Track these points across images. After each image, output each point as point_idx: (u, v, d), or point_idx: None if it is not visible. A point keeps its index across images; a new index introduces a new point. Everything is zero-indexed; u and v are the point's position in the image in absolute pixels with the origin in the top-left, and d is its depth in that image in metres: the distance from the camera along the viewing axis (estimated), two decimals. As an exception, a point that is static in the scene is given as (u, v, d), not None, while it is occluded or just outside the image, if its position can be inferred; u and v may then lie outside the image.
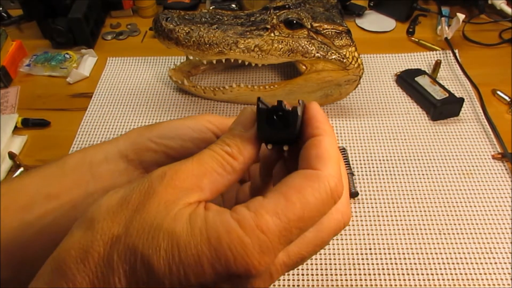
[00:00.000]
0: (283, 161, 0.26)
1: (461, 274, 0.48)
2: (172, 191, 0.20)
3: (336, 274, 0.48)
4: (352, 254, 0.49)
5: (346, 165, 0.57)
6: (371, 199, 0.55)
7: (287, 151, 0.25)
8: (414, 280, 0.47)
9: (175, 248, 0.18)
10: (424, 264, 0.48)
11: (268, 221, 0.19)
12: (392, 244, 0.50)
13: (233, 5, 0.85)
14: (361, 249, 0.50)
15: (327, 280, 0.47)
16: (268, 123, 0.22)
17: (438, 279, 0.47)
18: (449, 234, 0.51)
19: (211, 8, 0.85)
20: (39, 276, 0.20)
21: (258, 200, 0.20)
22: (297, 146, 0.24)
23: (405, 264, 0.49)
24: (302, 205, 0.19)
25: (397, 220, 0.52)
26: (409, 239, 0.51)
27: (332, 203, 0.21)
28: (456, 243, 0.50)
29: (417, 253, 0.49)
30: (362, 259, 0.49)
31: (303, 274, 0.48)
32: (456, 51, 0.74)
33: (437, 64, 0.69)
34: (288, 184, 0.20)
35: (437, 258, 0.49)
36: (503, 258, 0.49)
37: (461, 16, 0.73)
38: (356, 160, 0.59)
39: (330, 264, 0.49)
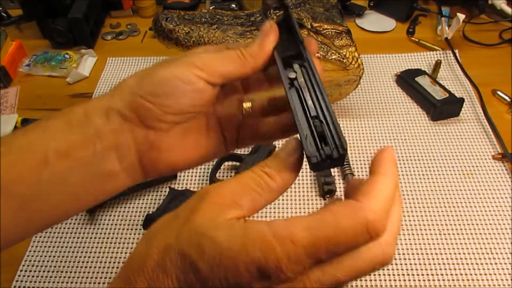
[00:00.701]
0: None
1: (461, 274, 0.48)
2: (214, 207, 0.23)
3: (336, 274, 0.48)
4: (352, 254, 0.49)
5: (346, 165, 0.57)
6: (371, 199, 0.55)
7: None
8: (414, 280, 0.47)
9: (217, 252, 0.21)
10: (424, 264, 0.48)
11: (298, 233, 0.21)
12: (392, 244, 0.50)
13: (233, 5, 0.85)
14: (361, 249, 0.50)
15: (327, 280, 0.47)
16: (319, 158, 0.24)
17: (438, 279, 0.47)
18: (449, 234, 0.51)
19: (211, 8, 0.85)
20: (110, 285, 0.24)
21: (296, 217, 0.22)
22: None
23: (405, 264, 0.48)
24: (333, 228, 0.21)
25: (397, 220, 0.52)
26: (409, 239, 0.51)
27: (366, 236, 0.21)
28: (456, 243, 0.50)
29: (417, 253, 0.49)
30: (362, 259, 0.49)
31: (303, 274, 0.48)
32: (456, 51, 0.74)
33: (437, 64, 0.69)
34: (327, 208, 0.22)
35: (437, 258, 0.49)
36: (503, 258, 0.49)
37: (461, 16, 0.73)
38: (356, 160, 0.59)
39: (330, 264, 0.49)
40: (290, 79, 0.28)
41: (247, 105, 0.33)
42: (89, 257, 0.50)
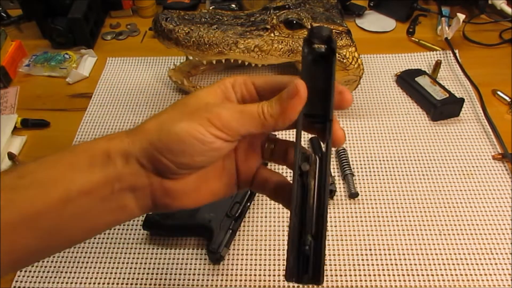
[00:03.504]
0: None
1: (461, 274, 0.48)
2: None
3: (336, 275, 0.48)
4: (352, 254, 0.49)
5: (346, 166, 0.57)
6: (371, 199, 0.55)
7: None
8: (414, 280, 0.47)
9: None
10: (424, 264, 0.48)
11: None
12: (392, 244, 0.50)
13: (233, 5, 0.85)
14: (361, 249, 0.50)
15: (327, 280, 0.47)
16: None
17: (438, 279, 0.47)
18: (449, 234, 0.51)
19: (211, 8, 0.84)
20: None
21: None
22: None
23: (405, 264, 0.48)
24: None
25: (397, 220, 0.52)
26: (409, 239, 0.51)
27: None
28: (456, 243, 0.50)
29: (417, 253, 0.49)
30: (362, 259, 0.49)
31: (303, 275, 0.48)
32: (456, 51, 0.74)
33: (437, 64, 0.69)
34: None
35: (437, 258, 0.49)
36: (503, 258, 0.49)
37: (461, 16, 0.73)
38: (356, 161, 0.59)
39: (330, 264, 0.49)
40: (300, 171, 0.29)
41: (268, 149, 0.33)
42: (89, 257, 0.50)
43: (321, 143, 0.32)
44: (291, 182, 0.32)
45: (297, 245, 0.27)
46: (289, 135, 0.58)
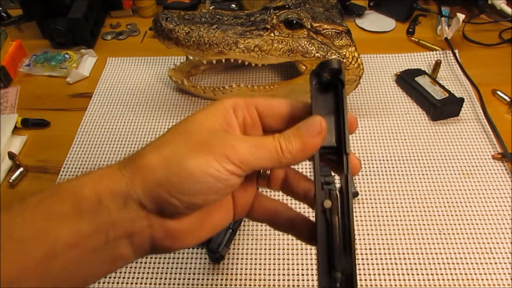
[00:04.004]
0: None
1: (461, 274, 0.48)
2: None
3: (336, 274, 0.48)
4: (352, 254, 0.49)
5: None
6: (371, 199, 0.55)
7: None
8: (414, 280, 0.47)
9: None
10: (424, 264, 0.48)
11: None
12: (392, 244, 0.50)
13: (233, 5, 0.85)
14: (361, 249, 0.50)
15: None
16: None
17: (438, 279, 0.47)
18: (449, 234, 0.51)
19: (211, 8, 0.85)
20: None
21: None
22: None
23: (405, 264, 0.48)
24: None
25: (397, 220, 0.52)
26: (409, 239, 0.51)
27: None
28: (456, 243, 0.50)
29: (417, 253, 0.49)
30: (362, 259, 0.49)
31: (302, 274, 0.48)
32: (456, 51, 0.74)
33: (437, 64, 0.69)
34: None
35: (437, 258, 0.49)
36: (503, 258, 0.49)
37: (461, 16, 0.73)
38: (356, 160, 0.59)
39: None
40: (323, 207, 0.28)
41: (263, 179, 0.32)
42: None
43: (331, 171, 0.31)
44: (295, 210, 0.32)
45: (328, 283, 0.27)
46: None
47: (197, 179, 0.25)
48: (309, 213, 0.31)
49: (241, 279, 0.48)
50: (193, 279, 0.48)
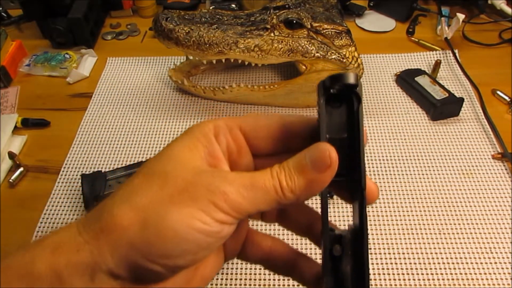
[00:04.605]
0: None
1: (461, 274, 0.48)
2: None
3: (336, 274, 0.48)
4: (352, 254, 0.49)
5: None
6: (371, 199, 0.55)
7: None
8: (414, 280, 0.47)
9: None
10: (424, 264, 0.48)
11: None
12: (392, 244, 0.50)
13: (233, 5, 0.85)
14: (361, 249, 0.50)
15: (327, 280, 0.47)
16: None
17: (438, 279, 0.47)
18: (449, 234, 0.51)
19: (211, 8, 0.85)
20: None
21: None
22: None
23: (405, 264, 0.48)
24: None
25: (397, 220, 0.52)
26: (409, 239, 0.51)
27: None
28: (456, 243, 0.50)
29: (417, 253, 0.49)
30: (362, 259, 0.49)
31: (303, 274, 0.48)
32: (456, 51, 0.74)
33: (437, 64, 0.69)
34: None
35: (437, 258, 0.49)
36: (503, 258, 0.49)
37: (461, 16, 0.73)
38: (356, 160, 0.59)
39: (330, 264, 0.49)
40: (331, 254, 0.23)
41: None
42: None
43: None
44: (296, 250, 0.27)
45: None
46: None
47: (182, 237, 0.20)
48: (314, 251, 0.27)
49: (241, 279, 0.48)
50: (193, 279, 0.48)
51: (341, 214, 0.53)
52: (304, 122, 0.25)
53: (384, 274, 0.48)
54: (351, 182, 0.24)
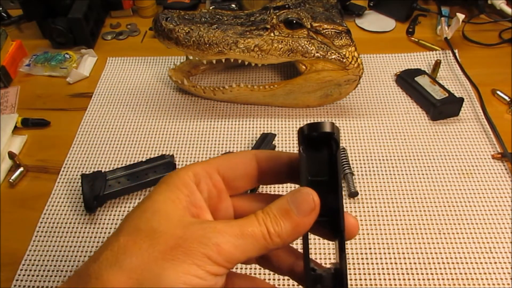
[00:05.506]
0: None
1: (461, 274, 0.48)
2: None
3: (336, 274, 0.48)
4: (352, 254, 0.49)
5: (346, 165, 0.57)
6: (371, 199, 0.55)
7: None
8: (414, 280, 0.47)
9: None
10: (424, 264, 0.48)
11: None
12: (392, 244, 0.50)
13: (233, 5, 0.85)
14: (361, 249, 0.50)
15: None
16: None
17: (438, 279, 0.47)
18: (449, 234, 0.51)
19: (211, 8, 0.85)
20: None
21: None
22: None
23: (405, 264, 0.49)
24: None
25: (396, 220, 0.52)
26: (409, 239, 0.51)
27: None
28: (456, 243, 0.50)
29: (417, 253, 0.49)
30: (362, 259, 0.49)
31: (303, 274, 0.48)
32: (456, 51, 0.74)
33: (437, 64, 0.69)
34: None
35: (437, 258, 0.49)
36: (503, 258, 0.49)
37: (461, 16, 0.73)
38: (356, 160, 0.59)
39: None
40: None
41: None
42: (89, 257, 0.50)
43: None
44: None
45: None
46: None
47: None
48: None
49: (241, 279, 0.48)
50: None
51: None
52: (276, 158, 0.26)
53: (384, 274, 0.48)
54: (331, 222, 0.25)
